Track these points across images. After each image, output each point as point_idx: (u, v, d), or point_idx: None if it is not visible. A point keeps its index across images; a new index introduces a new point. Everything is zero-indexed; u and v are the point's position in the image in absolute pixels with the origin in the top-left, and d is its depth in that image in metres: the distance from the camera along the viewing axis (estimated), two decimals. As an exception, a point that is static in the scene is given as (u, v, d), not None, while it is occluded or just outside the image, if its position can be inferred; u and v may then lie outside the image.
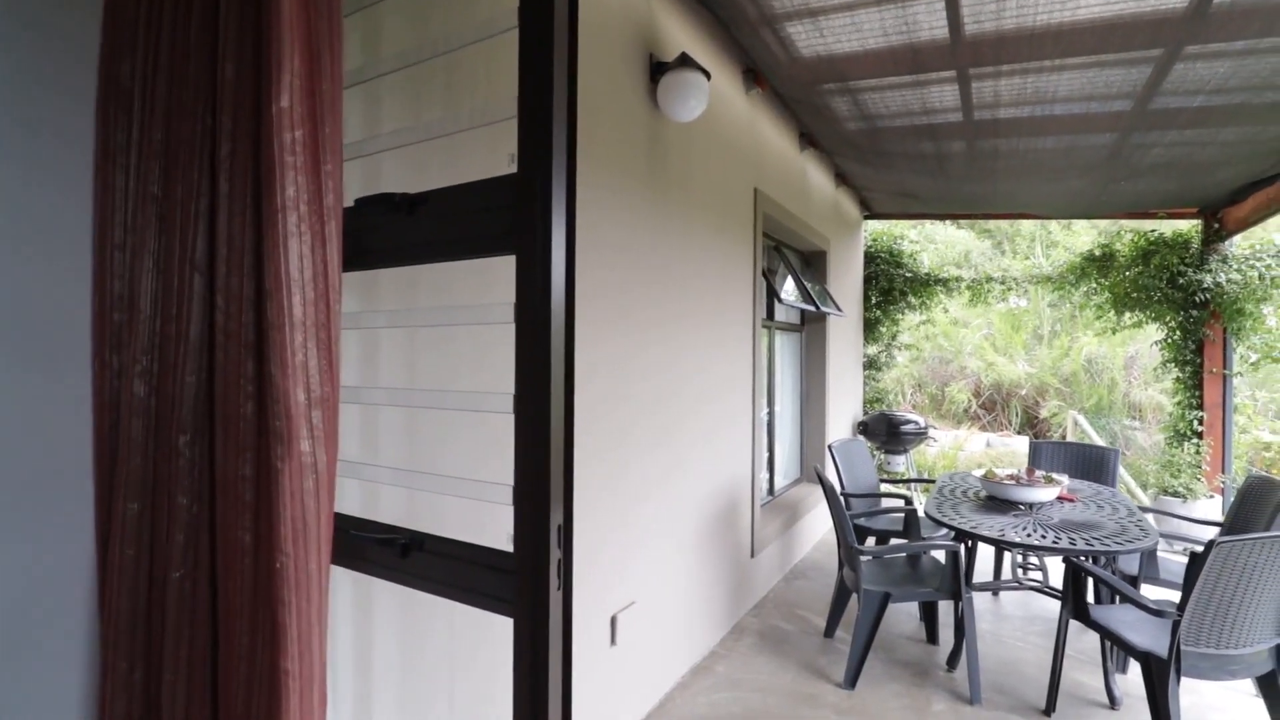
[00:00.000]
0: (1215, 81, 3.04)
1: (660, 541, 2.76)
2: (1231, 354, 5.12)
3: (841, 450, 4.02)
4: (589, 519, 2.24)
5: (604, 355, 2.34)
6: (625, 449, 2.47)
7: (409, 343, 1.60)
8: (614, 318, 2.39)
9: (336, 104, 0.99)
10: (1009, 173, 4.75)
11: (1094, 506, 3.12)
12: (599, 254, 2.31)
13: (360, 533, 1.22)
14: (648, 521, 2.65)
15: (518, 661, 0.96)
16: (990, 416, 12.37)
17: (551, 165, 0.95)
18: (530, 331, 0.95)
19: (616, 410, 2.42)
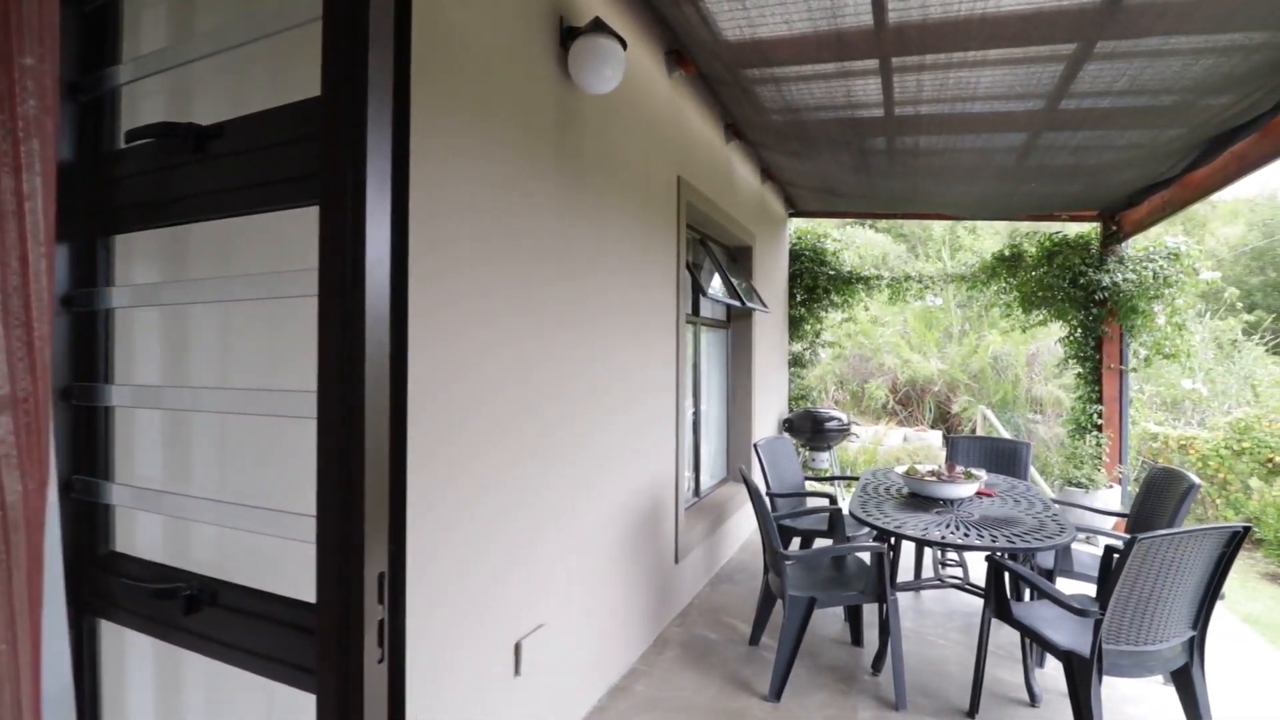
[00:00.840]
0: (1122, 83, 3.10)
1: (575, 556, 2.51)
2: (1127, 350, 5.42)
3: (767, 449, 3.90)
4: (496, 541, 1.97)
5: (509, 354, 2.07)
6: (537, 459, 2.21)
7: (222, 328, 1.27)
8: (518, 305, 2.13)
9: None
10: (929, 172, 4.80)
11: (1010, 501, 3.13)
12: (503, 235, 2.04)
13: (137, 580, 0.91)
14: (561, 535, 2.40)
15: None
16: (907, 412, 12.87)
17: (367, 86, 0.69)
18: (334, 310, 0.68)
19: (524, 415, 2.15)
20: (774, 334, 6.34)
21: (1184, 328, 5.16)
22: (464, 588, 1.86)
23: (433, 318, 1.73)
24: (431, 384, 1.72)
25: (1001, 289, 6.18)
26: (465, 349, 1.87)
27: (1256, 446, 6.74)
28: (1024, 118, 3.62)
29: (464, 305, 1.87)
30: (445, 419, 1.78)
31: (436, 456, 1.73)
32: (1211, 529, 1.97)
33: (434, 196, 1.72)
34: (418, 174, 1.60)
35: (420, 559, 1.65)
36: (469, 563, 1.87)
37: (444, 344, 1.78)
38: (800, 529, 3.74)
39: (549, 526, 2.32)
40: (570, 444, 2.46)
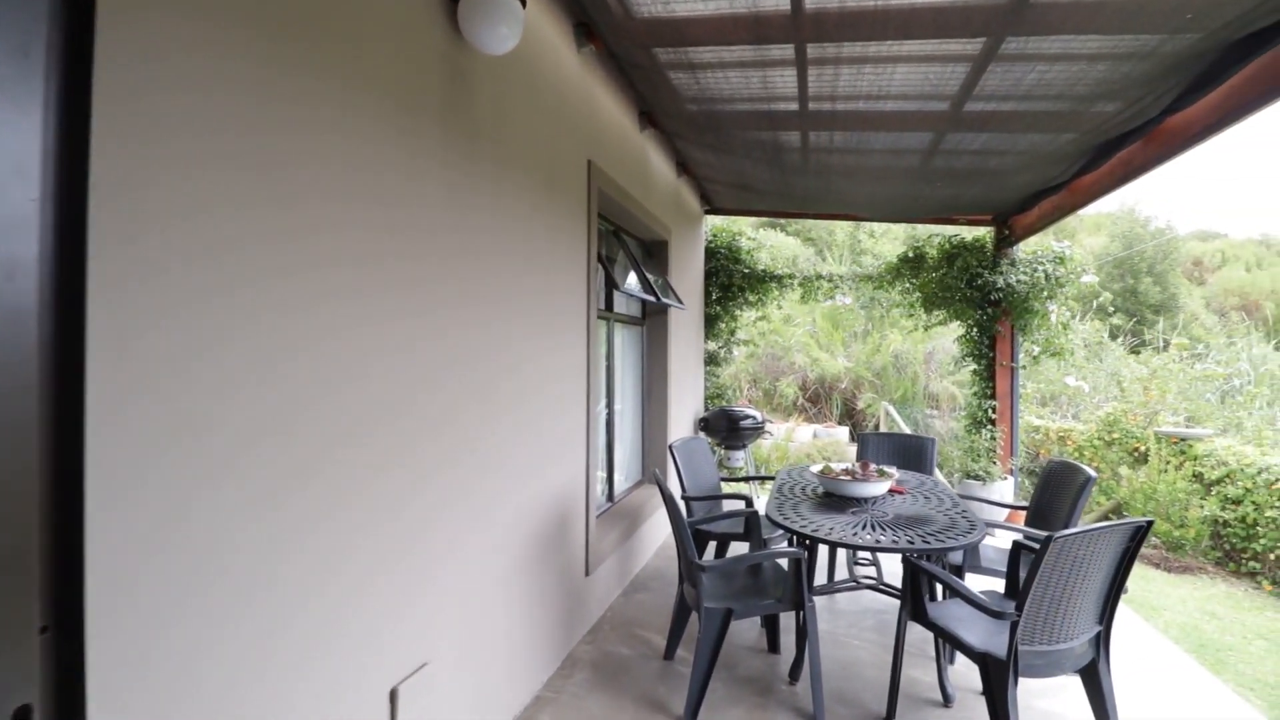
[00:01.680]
0: (1022, 87, 3.16)
1: (466, 579, 2.22)
2: (1018, 348, 5.72)
3: (682, 450, 3.74)
4: (344, 571, 1.65)
5: (382, 342, 1.75)
6: (406, 469, 1.90)
7: None
8: (397, 290, 1.81)
9: None
10: (843, 171, 4.83)
11: (921, 498, 3.12)
12: (363, 202, 1.72)
13: None
14: (445, 557, 2.10)
15: None
16: (816, 409, 13.30)
17: None
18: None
19: (403, 416, 1.84)
20: (690, 332, 6.24)
21: (1069, 327, 5.52)
22: (298, 636, 1.52)
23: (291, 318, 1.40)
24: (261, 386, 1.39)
25: (906, 289, 6.39)
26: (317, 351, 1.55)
27: (1124, 437, 7.37)
28: (932, 118, 3.66)
29: (332, 305, 1.54)
30: (271, 423, 1.45)
31: (236, 469, 1.40)
32: (1120, 525, 1.97)
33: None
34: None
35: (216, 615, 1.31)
36: (301, 606, 1.54)
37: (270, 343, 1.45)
38: (716, 533, 3.61)
39: (431, 547, 2.02)
40: (458, 449, 2.17)
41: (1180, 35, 2.32)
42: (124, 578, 1.07)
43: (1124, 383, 8.90)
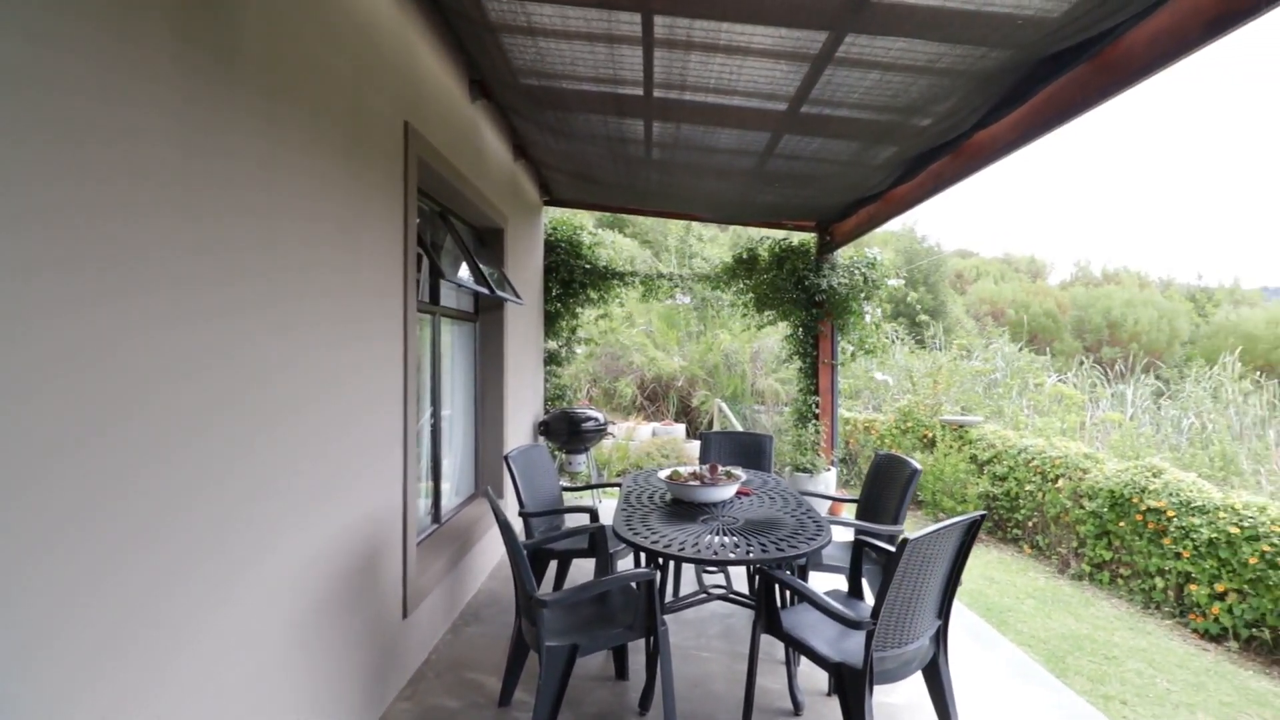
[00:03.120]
0: (855, 95, 3.25)
1: (222, 658, 1.65)
2: (837, 347, 6.15)
3: (520, 460, 3.36)
4: None
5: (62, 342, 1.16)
6: (117, 517, 1.32)
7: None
8: (79, 263, 1.23)
9: None
10: (687, 167, 4.75)
11: (767, 499, 3.08)
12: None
13: None
14: (181, 638, 1.52)
15: None
16: (654, 407, 13.53)
17: None
18: None
19: (108, 435, 1.26)
20: (529, 329, 5.83)
21: (880, 327, 6.04)
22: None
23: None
24: None
25: (740, 289, 6.60)
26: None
27: (916, 426, 8.33)
28: (772, 118, 3.67)
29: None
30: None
31: None
32: (960, 521, 1.99)
33: None
34: None
35: None
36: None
37: None
38: (559, 550, 3.28)
39: (158, 631, 1.44)
40: (222, 474, 1.60)
41: (998, 50, 2.46)
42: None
43: (915, 378, 10.14)
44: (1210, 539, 4.55)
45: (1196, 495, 4.82)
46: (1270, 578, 4.14)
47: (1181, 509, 4.84)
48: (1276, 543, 4.15)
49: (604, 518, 4.99)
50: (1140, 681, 3.76)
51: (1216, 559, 4.52)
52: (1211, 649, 4.38)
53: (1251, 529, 4.33)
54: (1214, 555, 4.53)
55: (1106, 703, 3.49)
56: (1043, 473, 6.32)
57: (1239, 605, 4.36)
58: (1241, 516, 4.45)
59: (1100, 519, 5.53)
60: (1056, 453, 6.30)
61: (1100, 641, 4.36)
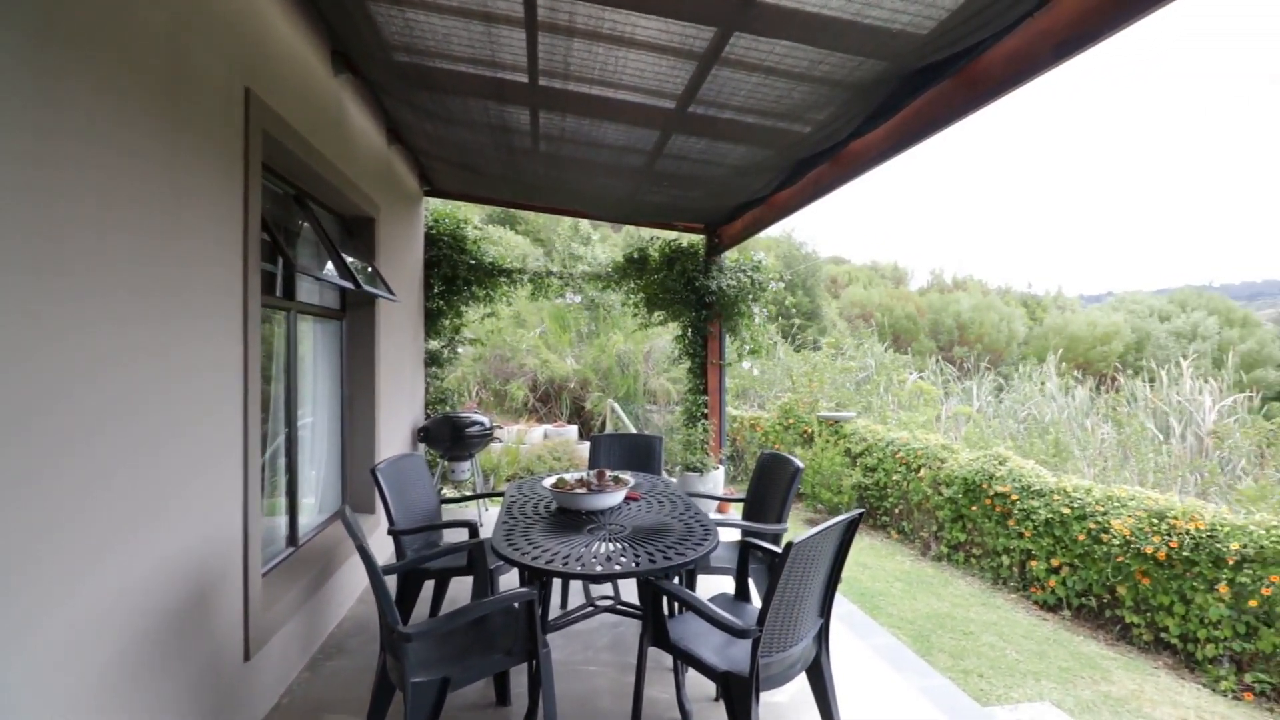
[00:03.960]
0: (739, 98, 3.26)
1: (19, 711, 1.28)
2: (725, 347, 6.26)
3: (391, 473, 3.05)
4: None
5: None
6: None
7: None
8: None
9: None
10: (574, 163, 4.60)
11: (655, 503, 3.00)
12: None
13: None
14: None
15: None
16: (546, 409, 13.26)
17: None
18: None
19: None
20: (406, 328, 5.42)
21: (766, 328, 6.23)
22: None
23: None
24: None
25: (631, 289, 6.54)
26: None
27: (797, 422, 8.73)
28: (660, 116, 3.61)
29: None
30: None
31: None
32: (840, 520, 2.01)
33: None
34: None
35: None
36: None
37: None
38: (435, 569, 3.01)
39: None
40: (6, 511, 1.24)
41: (872, 61, 2.54)
42: None
43: (794, 376, 10.66)
44: (1047, 519, 5.08)
45: (1035, 480, 5.38)
46: (1095, 552, 4.69)
47: (1023, 493, 5.38)
48: (1100, 520, 4.71)
49: (490, 529, 4.72)
50: (993, 654, 4.10)
51: (1052, 537, 5.06)
52: (1049, 618, 4.90)
53: (1080, 509, 4.88)
54: (1050, 534, 5.07)
55: (966, 677, 3.77)
56: (907, 463, 6.83)
57: (1071, 578, 4.90)
58: (1072, 498, 5.01)
59: (956, 504, 6.04)
60: (919, 445, 6.82)
61: (959, 619, 4.74)
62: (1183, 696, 3.64)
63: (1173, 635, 4.18)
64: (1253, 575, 3.78)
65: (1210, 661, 3.94)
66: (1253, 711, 3.53)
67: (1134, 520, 4.48)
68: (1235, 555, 3.86)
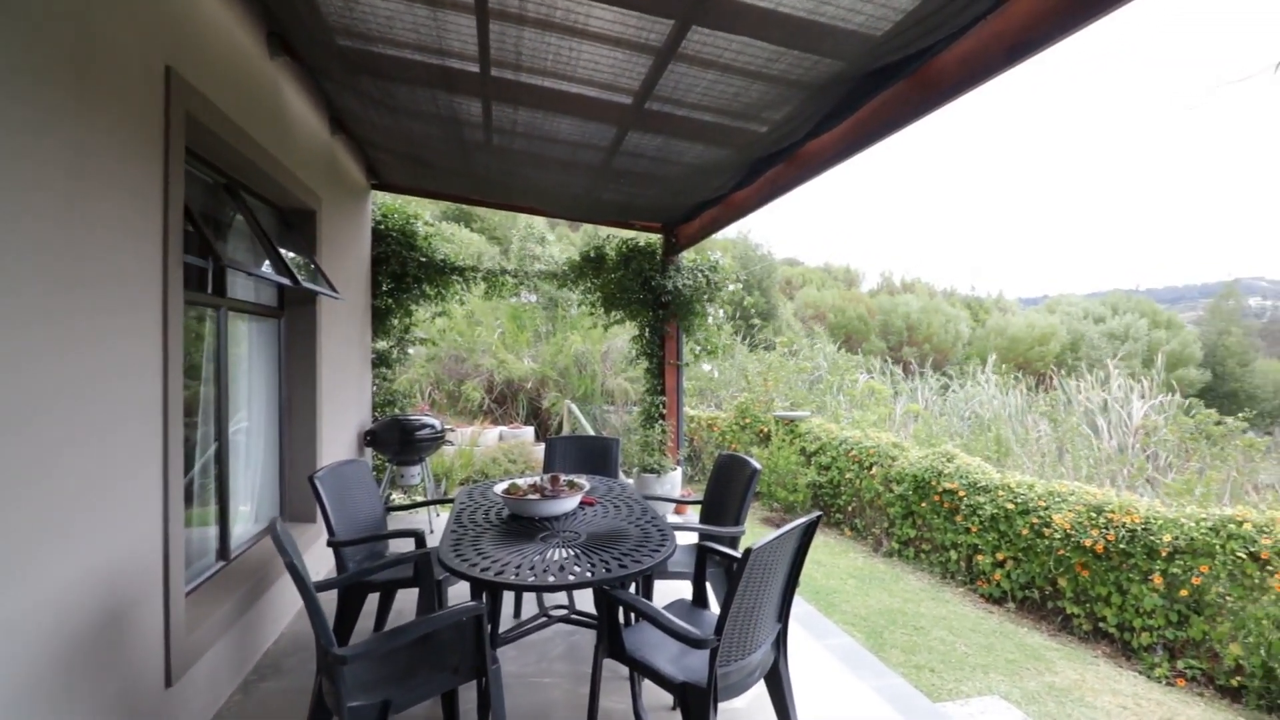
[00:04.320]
0: (695, 93, 3.22)
1: None
2: (682, 348, 6.23)
3: (330, 480, 2.88)
4: None
5: None
6: None
7: None
8: None
9: None
10: (529, 158, 4.47)
11: (611, 508, 2.93)
12: None
13: None
14: None
15: None
16: (502, 410, 13.02)
17: None
18: None
19: None
20: (352, 327, 5.18)
21: (722, 328, 6.23)
22: None
23: None
24: None
25: (588, 289, 6.44)
26: None
27: (753, 422, 8.79)
28: (616, 111, 3.54)
29: None
30: None
31: None
32: (799, 524, 1.97)
33: None
34: None
35: None
36: None
37: None
38: (379, 581, 2.86)
39: None
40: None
41: (828, 60, 2.52)
42: None
43: (750, 376, 10.75)
44: (992, 514, 5.23)
45: (981, 477, 5.54)
46: (1037, 545, 4.85)
47: (970, 489, 5.53)
48: (1042, 515, 4.86)
49: (440, 537, 4.55)
50: (944, 649, 4.18)
51: (997, 532, 5.21)
52: (995, 611, 5.05)
53: (1023, 504, 5.04)
54: (995, 529, 5.22)
55: (919, 673, 3.82)
56: (860, 461, 6.95)
57: (1015, 571, 5.06)
58: (1015, 494, 5.17)
59: (906, 501, 6.17)
60: (871, 443, 6.95)
61: (910, 614, 4.83)
62: (1121, 685, 3.79)
63: (1110, 625, 4.35)
64: (1183, 566, 3.96)
65: (1145, 650, 4.11)
66: (1185, 697, 3.69)
67: (1074, 515, 4.65)
68: (1168, 547, 4.04)
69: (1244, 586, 3.66)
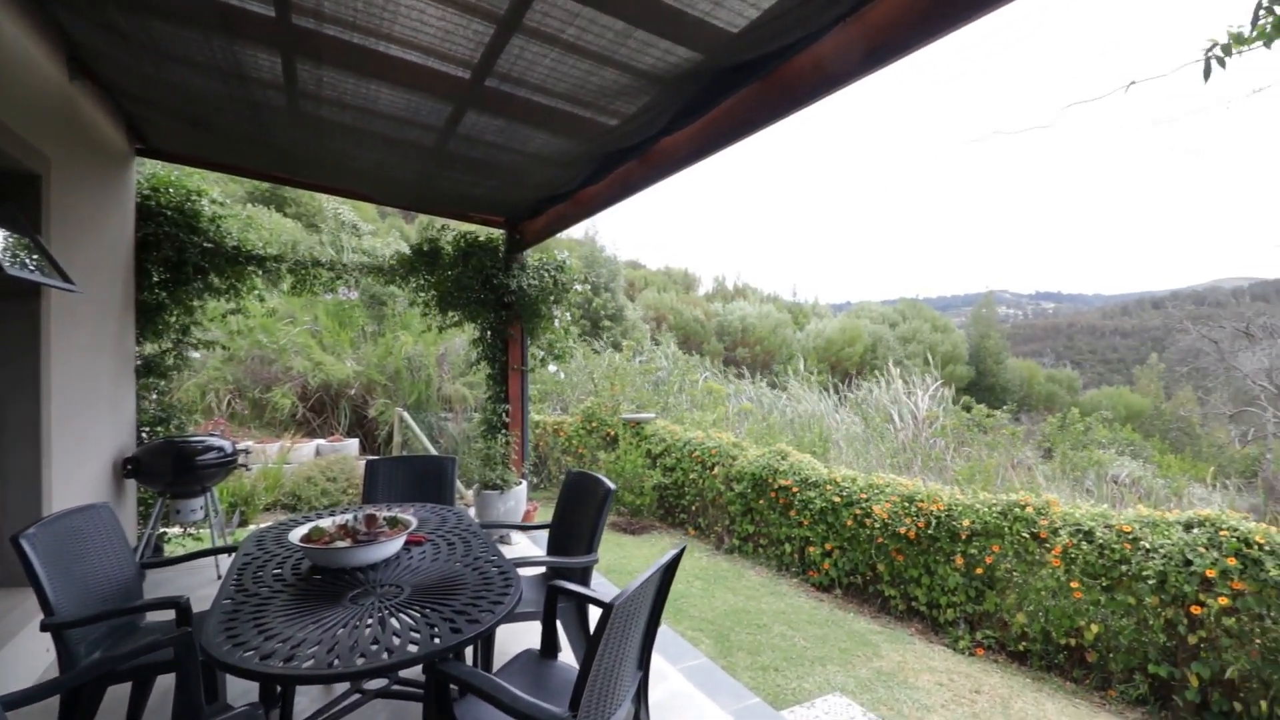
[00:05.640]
0: (540, 73, 2.91)
1: None
2: (527, 351, 5.84)
3: (47, 539, 2.12)
4: None
5: None
6: None
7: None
8: None
9: None
10: (345, 132, 3.82)
11: (445, 545, 2.51)
12: None
13: None
14: None
15: None
16: (320, 419, 11.54)
17: None
18: None
19: None
20: (103, 329, 4.09)
21: (569, 331, 5.94)
22: None
23: None
24: None
25: (420, 286, 5.77)
26: None
27: (600, 425, 8.65)
28: (450, 84, 3.11)
29: None
30: None
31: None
32: (664, 563, 1.76)
33: None
34: None
35: None
36: None
37: None
38: (128, 669, 2.16)
39: None
40: None
41: (683, 49, 2.36)
42: None
43: (596, 379, 10.63)
44: (821, 508, 5.56)
45: (812, 473, 5.88)
46: (860, 535, 5.22)
47: (803, 485, 5.84)
48: (864, 506, 5.25)
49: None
50: (785, 645, 4.30)
51: (825, 524, 5.55)
52: (825, 599, 5.36)
53: (848, 497, 5.41)
54: (824, 521, 5.56)
55: (765, 674, 3.87)
56: (702, 461, 7.10)
57: (840, 560, 5.42)
58: (841, 487, 5.54)
59: (745, 499, 6.39)
60: (713, 443, 7.13)
61: (753, 611, 4.95)
62: (935, 661, 4.15)
63: (921, 604, 4.79)
64: (980, 546, 4.45)
65: (950, 624, 4.57)
66: (985, 665, 4.14)
67: (891, 505, 5.07)
68: (967, 530, 4.52)
69: (1027, 562, 4.19)
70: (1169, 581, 3.44)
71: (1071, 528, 4.02)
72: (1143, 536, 3.66)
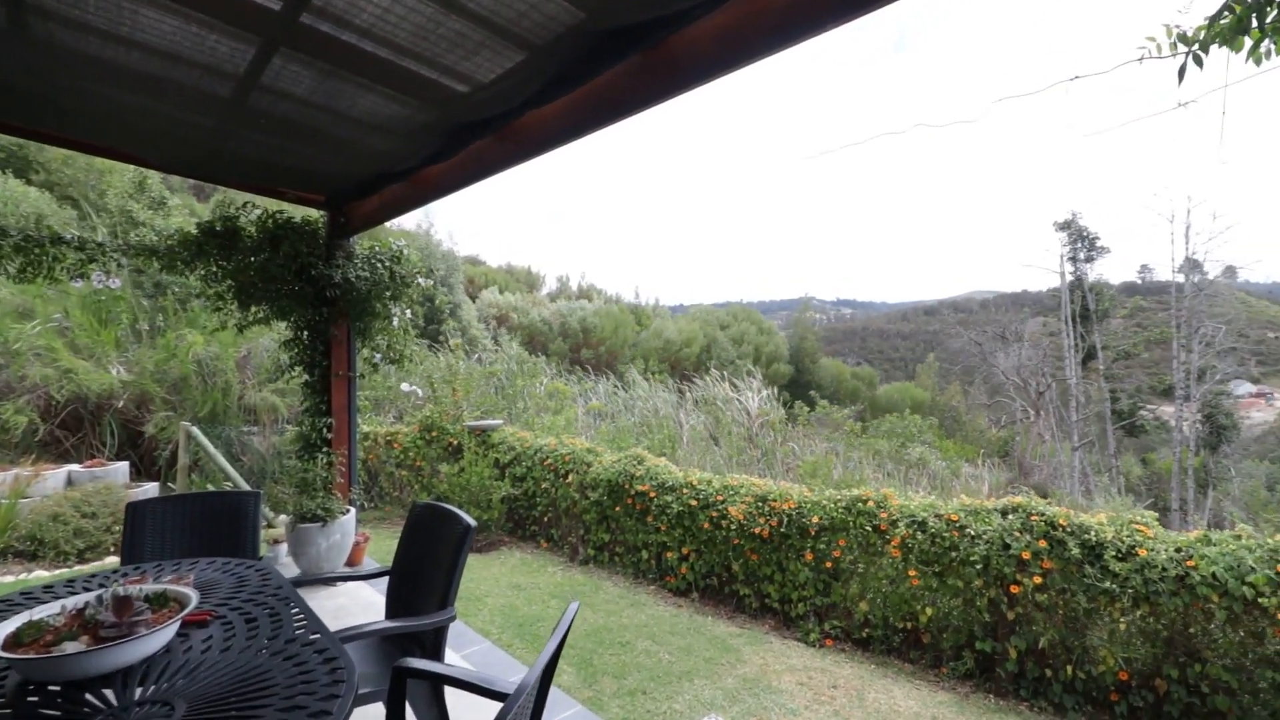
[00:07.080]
0: (371, 12, 2.37)
1: None
2: (355, 355, 5.02)
3: None
4: None
5: None
6: None
7: None
8: None
9: None
10: (97, 67, 2.86)
11: (242, 622, 1.89)
12: None
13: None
14: None
15: None
16: (77, 439, 9.22)
17: None
18: None
19: None
20: None
21: (409, 332, 5.21)
22: None
23: None
24: None
25: (212, 274, 4.64)
26: None
27: (441, 435, 7.90)
28: (254, 15, 2.43)
29: None
30: None
31: None
32: (556, 637, 1.40)
33: None
34: None
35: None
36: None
37: None
38: None
39: None
40: None
41: (561, 3, 2.00)
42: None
43: (435, 384, 9.75)
44: (679, 512, 5.50)
45: (668, 477, 5.80)
46: (716, 537, 5.23)
47: (660, 490, 5.74)
48: (720, 509, 5.26)
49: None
50: (650, 663, 4.11)
51: (683, 528, 5.49)
52: (683, 603, 5.29)
53: (705, 500, 5.39)
54: (681, 525, 5.50)
55: (634, 699, 3.64)
56: (555, 469, 6.74)
57: (697, 563, 5.39)
58: (697, 490, 5.51)
59: (601, 506, 6.16)
60: (566, 450, 6.81)
61: (614, 629, 4.70)
62: (793, 659, 4.22)
63: (774, 600, 4.89)
64: (827, 541, 4.63)
65: (800, 618, 4.71)
66: (836, 657, 4.30)
67: (745, 505, 5.13)
68: (815, 526, 4.69)
69: (869, 554, 4.43)
70: (991, 564, 3.79)
71: (908, 519, 4.30)
72: (968, 524, 4.01)
